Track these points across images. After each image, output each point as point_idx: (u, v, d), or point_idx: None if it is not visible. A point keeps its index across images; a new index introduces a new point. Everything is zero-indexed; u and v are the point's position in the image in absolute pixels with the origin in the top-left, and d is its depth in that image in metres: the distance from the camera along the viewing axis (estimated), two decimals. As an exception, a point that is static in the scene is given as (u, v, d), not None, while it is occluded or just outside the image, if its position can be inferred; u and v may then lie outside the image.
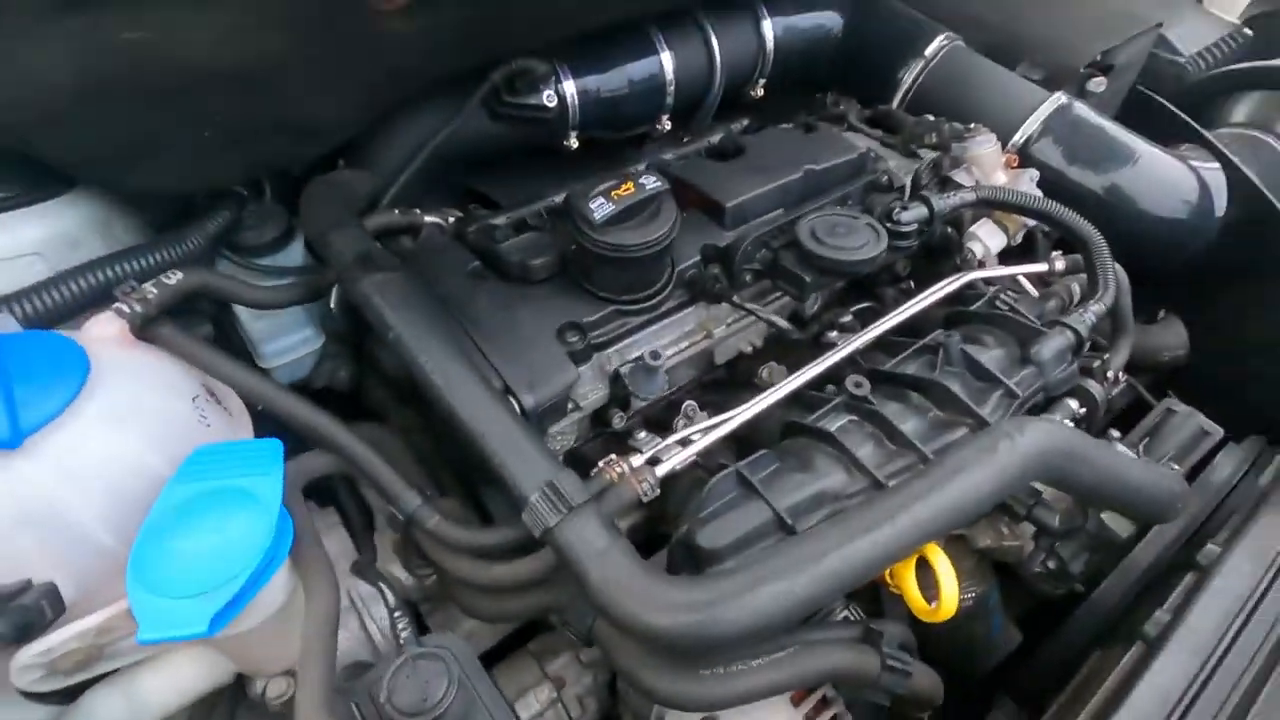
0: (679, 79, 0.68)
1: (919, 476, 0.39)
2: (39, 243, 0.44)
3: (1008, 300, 0.54)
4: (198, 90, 0.40)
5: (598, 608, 0.37)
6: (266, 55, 0.40)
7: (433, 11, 0.45)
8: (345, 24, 0.42)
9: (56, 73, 0.37)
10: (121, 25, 0.35)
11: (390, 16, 0.44)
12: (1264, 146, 0.69)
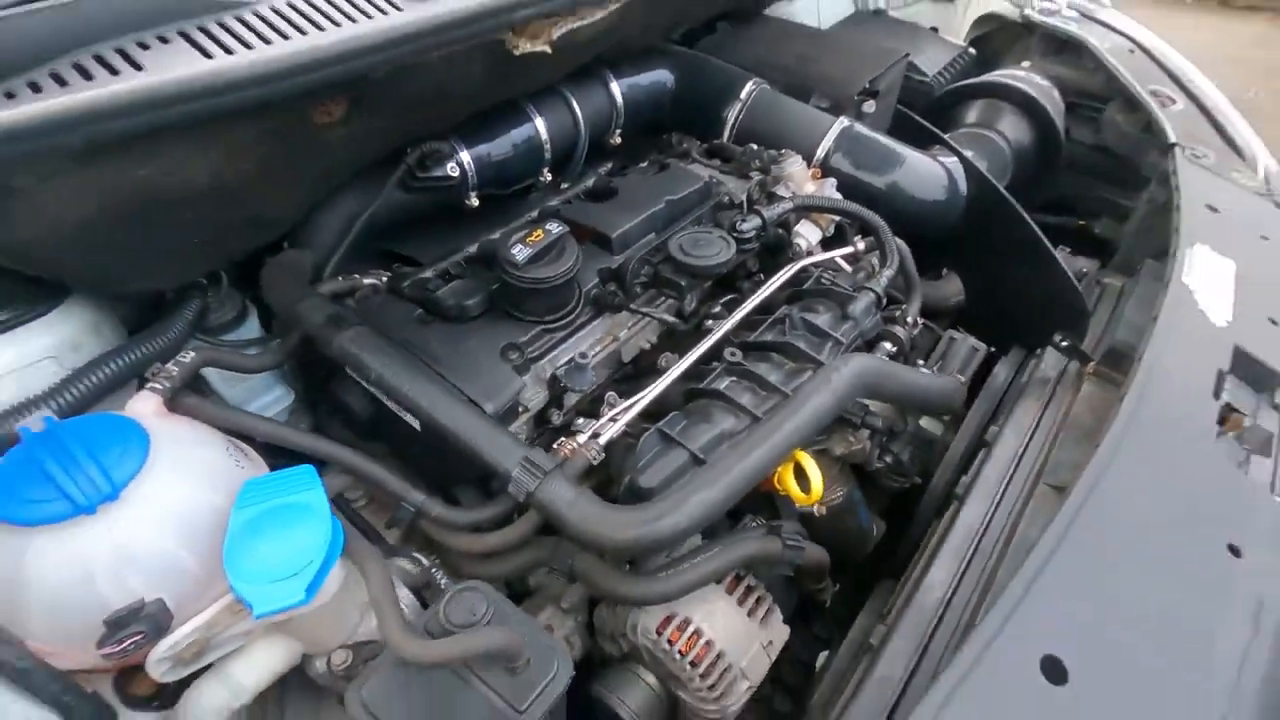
0: (552, 138, 0.83)
1: (783, 405, 0.56)
2: (51, 348, 0.52)
3: (828, 278, 0.73)
4: (188, 207, 0.50)
5: (576, 540, 0.51)
6: (242, 173, 0.51)
7: (363, 120, 0.57)
8: (298, 140, 0.54)
9: (75, 208, 0.46)
10: (135, 165, 0.45)
11: (331, 127, 0.56)
12: (987, 141, 0.94)
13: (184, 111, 0.43)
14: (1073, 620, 0.40)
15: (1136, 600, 0.41)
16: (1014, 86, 0.98)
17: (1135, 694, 0.38)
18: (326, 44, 0.48)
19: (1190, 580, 0.43)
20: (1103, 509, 0.45)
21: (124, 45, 0.45)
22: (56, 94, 0.41)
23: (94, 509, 0.41)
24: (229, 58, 0.45)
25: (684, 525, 0.49)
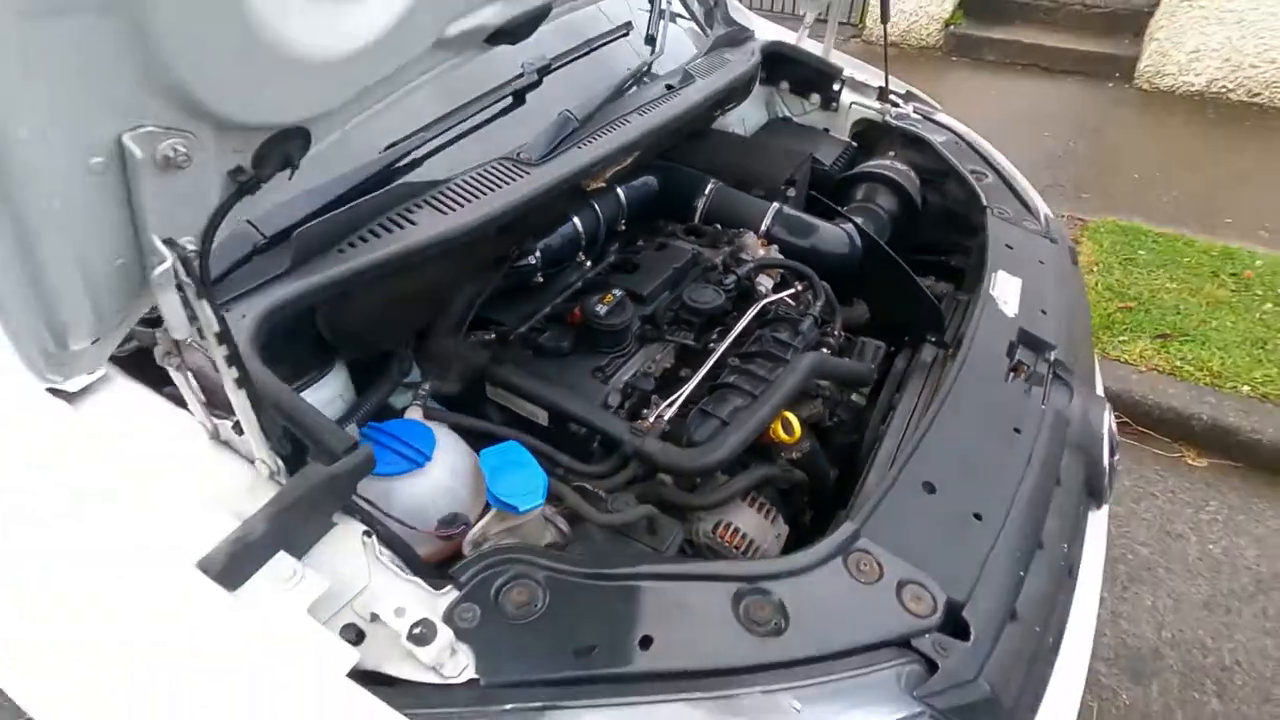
0: (585, 231, 1.21)
1: (770, 386, 0.94)
2: (331, 396, 0.84)
3: (782, 310, 1.13)
4: (424, 296, 0.85)
5: (667, 470, 0.86)
6: (450, 275, 0.86)
7: (504, 238, 0.94)
8: (474, 253, 0.90)
9: (374, 303, 0.80)
10: (409, 276, 0.80)
11: (486, 243, 0.92)
12: (871, 210, 1.38)
13: (439, 246, 0.79)
14: (937, 457, 0.79)
15: (963, 449, 0.81)
16: (884, 174, 1.43)
17: (976, 485, 0.77)
18: (501, 203, 0.85)
19: (994, 442, 0.84)
20: (952, 414, 0.86)
21: (402, 212, 0.80)
22: (380, 245, 0.76)
23: (422, 465, 0.74)
24: (454, 214, 0.82)
25: (724, 455, 0.86)
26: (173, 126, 0.42)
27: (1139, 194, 2.91)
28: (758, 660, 0.58)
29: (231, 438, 0.63)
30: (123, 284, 0.46)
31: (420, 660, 0.52)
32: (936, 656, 0.63)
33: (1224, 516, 1.76)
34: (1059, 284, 1.18)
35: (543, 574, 0.61)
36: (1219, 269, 2.36)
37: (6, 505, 0.56)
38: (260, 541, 0.54)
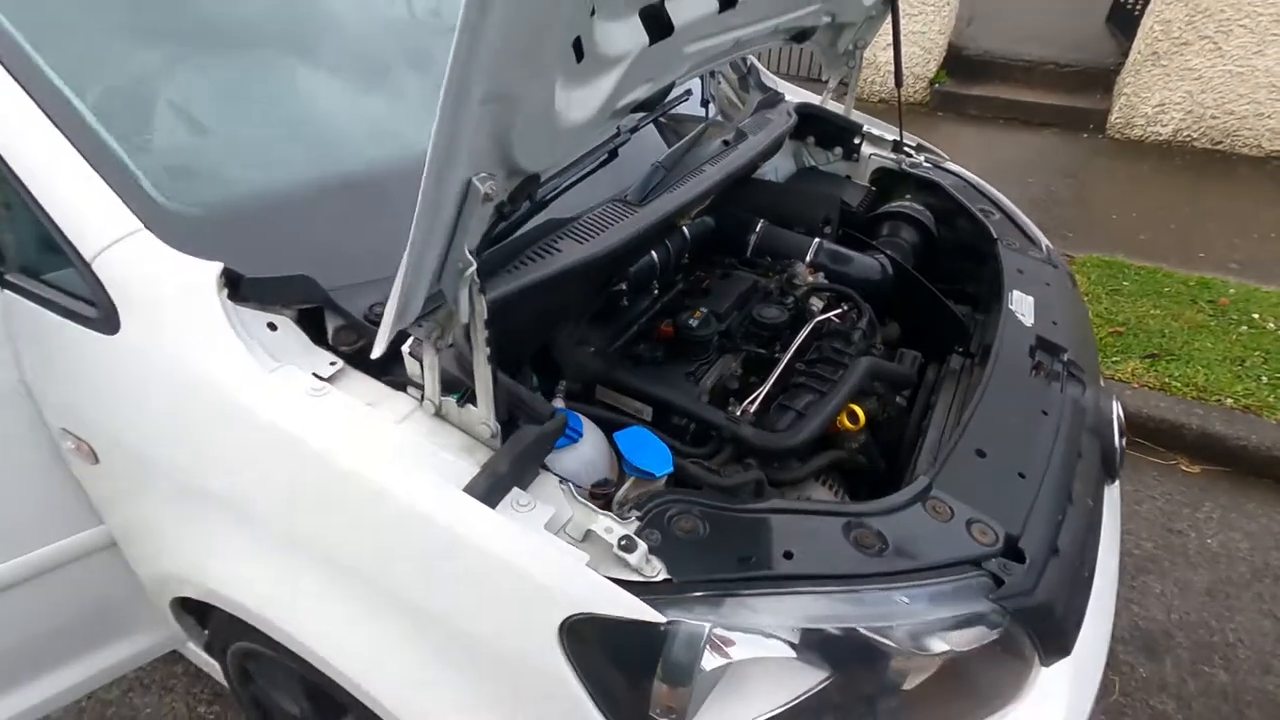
0: (659, 263, 1.41)
1: (834, 385, 1.14)
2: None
3: (835, 326, 1.33)
4: (560, 314, 1.04)
5: (758, 449, 1.04)
6: (580, 295, 1.06)
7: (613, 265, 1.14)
8: (597, 280, 1.10)
9: (527, 317, 0.99)
10: (553, 295, 1.00)
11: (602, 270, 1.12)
12: (897, 243, 1.61)
13: (579, 269, 0.99)
14: (984, 431, 0.98)
15: (1003, 425, 1.00)
16: (905, 212, 1.66)
17: (1017, 452, 0.96)
18: (620, 236, 1.06)
19: (1027, 420, 1.03)
20: (991, 399, 1.05)
21: (550, 241, 1.00)
22: (537, 267, 0.96)
23: (576, 441, 0.92)
24: (588, 244, 1.02)
25: (806, 436, 1.04)
26: (492, 173, 0.62)
27: (1118, 232, 3.18)
28: (870, 570, 0.76)
29: (450, 411, 0.81)
30: (432, 279, 0.65)
31: (628, 564, 0.70)
32: (1001, 574, 0.81)
33: (1219, 515, 1.95)
34: (1064, 301, 1.39)
35: (699, 509, 0.79)
36: (1197, 297, 2.60)
37: (322, 462, 0.74)
38: (505, 476, 0.72)
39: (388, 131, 1.20)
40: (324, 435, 0.75)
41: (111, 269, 0.80)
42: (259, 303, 0.82)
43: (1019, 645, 0.82)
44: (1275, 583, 1.76)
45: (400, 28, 1.44)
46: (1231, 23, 3.77)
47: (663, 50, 0.84)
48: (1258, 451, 2.03)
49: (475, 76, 0.51)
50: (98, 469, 0.95)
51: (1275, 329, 2.41)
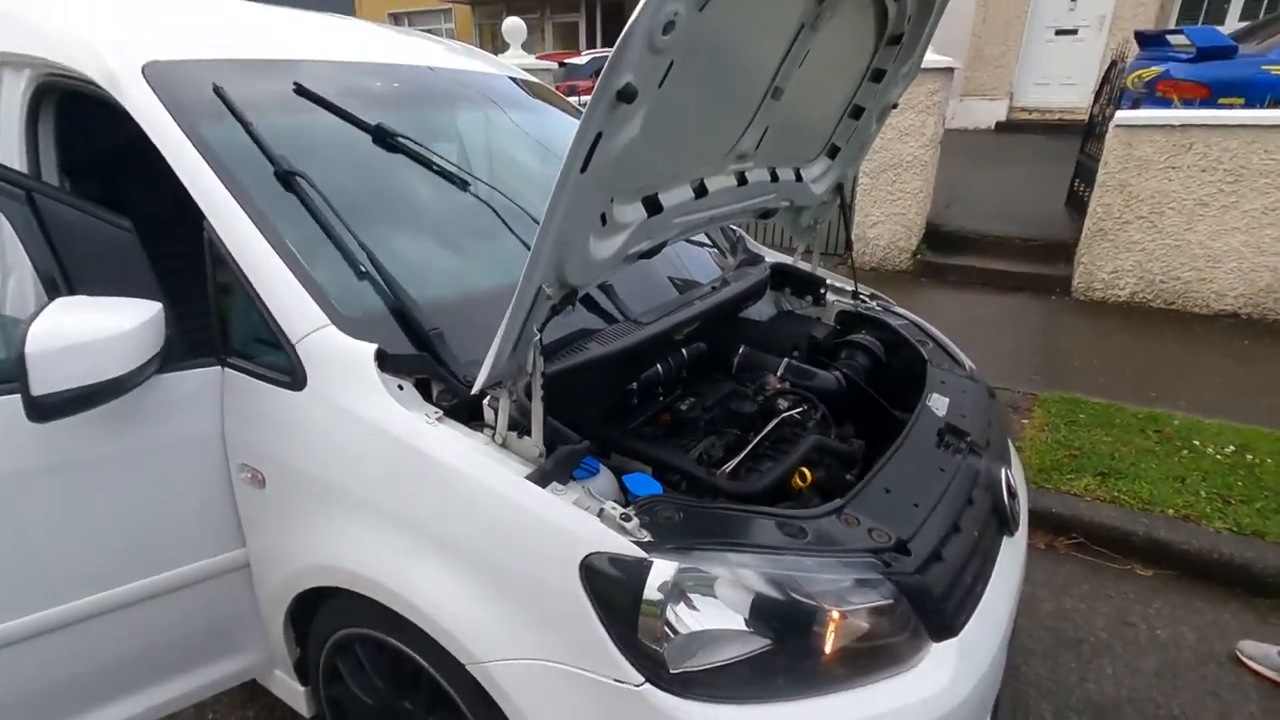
0: (663, 374, 1.86)
1: (789, 453, 1.53)
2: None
3: (795, 418, 1.74)
4: (585, 394, 1.48)
5: (731, 494, 1.40)
6: (599, 382, 1.50)
7: (629, 364, 1.59)
8: (614, 377, 1.55)
9: (583, 391, 1.43)
10: (583, 378, 1.44)
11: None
12: (852, 365, 2.05)
13: (603, 361, 1.44)
14: (891, 477, 1.35)
15: (907, 474, 1.37)
16: (859, 342, 2.12)
17: (914, 491, 1.32)
18: (632, 341, 1.52)
19: (927, 473, 1.40)
20: (900, 458, 1.43)
21: (579, 345, 1.47)
22: (575, 355, 1.41)
23: (595, 473, 1.31)
24: (612, 344, 1.48)
25: (766, 485, 1.41)
26: (551, 285, 1.09)
27: (1079, 376, 3.60)
28: (794, 546, 1.12)
29: (512, 442, 1.22)
30: (514, 345, 1.10)
31: (625, 529, 1.07)
32: (891, 560, 1.15)
33: (1168, 611, 2.17)
34: (976, 404, 1.79)
35: (675, 505, 1.16)
36: (1145, 427, 2.95)
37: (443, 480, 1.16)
38: (550, 473, 1.12)
39: (488, 265, 1.72)
40: (437, 447, 1.16)
41: (308, 347, 1.27)
42: (394, 371, 1.27)
43: (906, 616, 1.14)
44: (1218, 667, 1.95)
45: (518, 188, 2.01)
46: (1161, 205, 4.43)
47: (657, 221, 1.36)
48: (1199, 555, 2.28)
49: (551, 230, 1.00)
50: (263, 492, 1.36)
51: (1213, 453, 2.73)
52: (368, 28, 2.31)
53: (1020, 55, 9.90)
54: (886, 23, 1.69)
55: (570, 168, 0.93)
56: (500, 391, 1.19)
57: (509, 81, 2.35)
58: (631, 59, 0.87)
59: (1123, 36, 7.96)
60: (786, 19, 1.35)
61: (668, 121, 1.11)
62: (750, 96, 1.45)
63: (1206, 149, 4.24)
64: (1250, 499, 2.46)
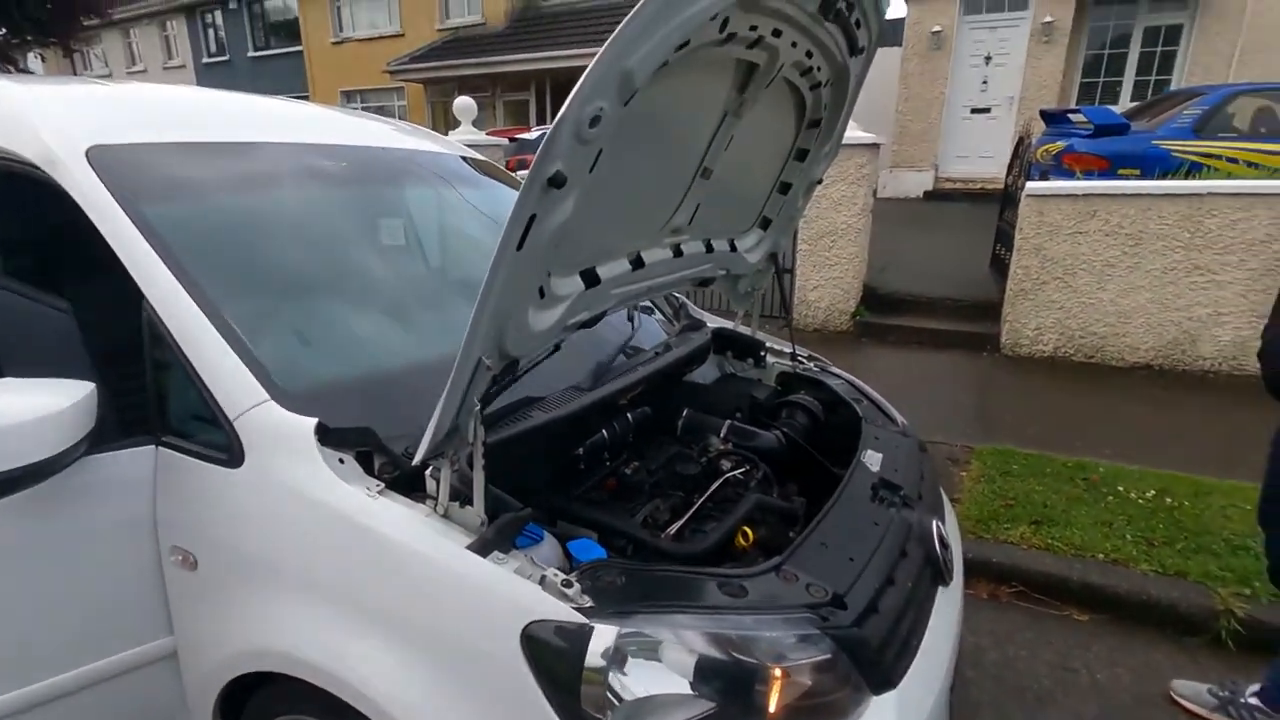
0: (610, 439, 1.89)
1: (730, 512, 1.56)
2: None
3: (738, 478, 1.78)
4: (527, 463, 1.50)
5: (674, 556, 1.43)
6: (543, 450, 1.52)
7: (573, 431, 1.63)
8: (557, 445, 1.57)
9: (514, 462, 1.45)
10: (523, 448, 1.46)
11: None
12: (792, 424, 2.13)
13: (544, 429, 1.47)
14: (828, 533, 1.39)
15: (843, 530, 1.42)
16: (798, 402, 2.20)
17: (850, 546, 1.37)
18: (573, 408, 1.55)
19: (862, 527, 1.45)
20: (836, 513, 1.48)
21: (523, 413, 1.49)
22: (515, 425, 1.44)
23: (539, 541, 1.31)
24: (552, 412, 1.51)
25: (708, 546, 1.44)
26: (490, 356, 1.13)
27: (1011, 428, 3.77)
28: (734, 605, 1.14)
29: (454, 512, 1.23)
30: (454, 416, 1.13)
31: (567, 595, 1.08)
32: (828, 615, 1.18)
33: (1105, 654, 2.24)
34: (908, 459, 1.88)
35: (617, 569, 1.18)
36: (1073, 475, 3.10)
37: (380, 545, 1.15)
38: (491, 542, 1.13)
39: (430, 337, 1.75)
40: (379, 520, 1.16)
41: (246, 423, 1.26)
42: (335, 445, 1.27)
43: (846, 671, 1.16)
44: (1154, 708, 2.02)
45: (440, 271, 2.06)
46: (1074, 267, 4.78)
47: (595, 293, 1.42)
48: (1130, 597, 2.38)
49: (488, 304, 1.05)
50: (195, 575, 1.32)
51: (1135, 498, 2.88)
52: (318, 111, 2.38)
53: (942, 131, 10.67)
54: (805, 109, 1.84)
55: (506, 246, 0.99)
56: (442, 462, 1.20)
57: (455, 159, 2.44)
58: (560, 149, 0.94)
59: (1030, 115, 8.69)
60: (711, 108, 1.47)
61: (601, 201, 1.19)
62: (681, 177, 1.55)
63: (1109, 215, 4.63)
64: (1172, 541, 2.59)
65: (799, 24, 1.40)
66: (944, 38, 10.26)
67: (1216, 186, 4.48)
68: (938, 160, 10.79)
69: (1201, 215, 4.41)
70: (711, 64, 1.35)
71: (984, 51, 10.37)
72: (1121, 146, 6.40)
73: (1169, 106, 6.84)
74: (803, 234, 5.65)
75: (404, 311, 1.83)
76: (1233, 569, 2.40)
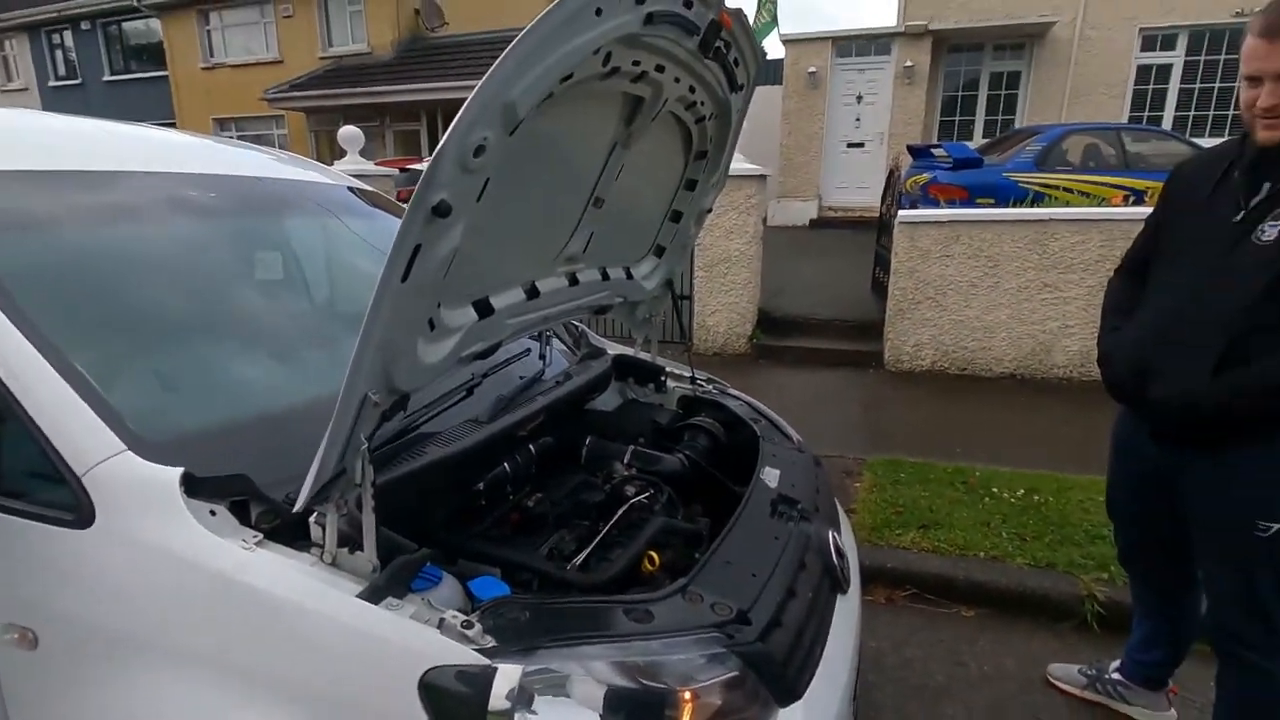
0: (511, 472, 1.85)
1: (636, 537, 1.56)
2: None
3: (643, 503, 1.79)
4: (426, 502, 1.43)
5: (581, 587, 1.40)
6: (441, 488, 1.47)
7: (472, 464, 1.58)
8: (458, 479, 1.52)
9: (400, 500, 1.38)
10: (422, 485, 1.40)
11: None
12: (694, 446, 2.16)
13: (442, 465, 1.42)
14: (731, 550, 1.42)
15: (745, 546, 1.45)
16: (699, 424, 2.25)
17: (753, 562, 1.39)
18: (471, 441, 1.51)
19: (763, 544, 1.49)
20: (738, 531, 1.51)
21: (417, 449, 1.43)
22: (408, 463, 1.38)
23: (437, 582, 1.25)
24: (450, 447, 1.46)
25: (613, 574, 1.43)
26: (378, 392, 1.08)
27: (897, 439, 4.01)
28: (641, 631, 1.13)
29: (344, 559, 1.16)
30: (340, 457, 1.07)
31: (468, 636, 1.04)
32: (734, 633, 1.20)
33: (990, 647, 2.39)
34: (804, 474, 1.95)
35: (520, 605, 1.15)
36: (954, 480, 3.33)
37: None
38: (383, 588, 1.07)
39: (308, 374, 1.65)
40: (259, 575, 1.07)
41: (97, 477, 1.14)
42: (205, 496, 1.17)
43: (754, 686, 1.18)
44: (1035, 692, 2.17)
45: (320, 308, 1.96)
46: (944, 288, 5.19)
47: (489, 323, 1.40)
48: (1009, 590, 2.57)
49: (373, 337, 1.00)
50: (34, 654, 1.17)
51: (1008, 497, 3.12)
52: (188, 139, 2.23)
53: (823, 163, 11.39)
54: (692, 141, 1.91)
55: (389, 277, 0.96)
56: (328, 506, 1.13)
57: (341, 190, 2.35)
58: (444, 178, 0.93)
59: (898, 149, 9.45)
60: (600, 139, 1.50)
61: (492, 230, 1.18)
62: (573, 206, 1.57)
63: (970, 240, 5.07)
64: (1041, 535, 2.82)
65: (680, 60, 1.46)
66: (819, 78, 11.00)
67: (1057, 213, 5.02)
68: (820, 190, 11.48)
69: (1046, 239, 4.92)
70: (599, 96, 1.38)
71: (855, 91, 11.21)
72: (977, 178, 7.07)
73: (1015, 143, 7.64)
74: (699, 261, 5.83)
75: (283, 349, 1.73)
76: (1093, 557, 2.64)
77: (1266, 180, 1.47)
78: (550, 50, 0.97)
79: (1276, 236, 1.43)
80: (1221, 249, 1.51)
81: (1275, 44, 1.39)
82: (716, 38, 1.48)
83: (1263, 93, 1.42)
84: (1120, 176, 7.04)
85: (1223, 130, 10.16)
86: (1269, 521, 1.48)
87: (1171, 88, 10.46)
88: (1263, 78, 1.42)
